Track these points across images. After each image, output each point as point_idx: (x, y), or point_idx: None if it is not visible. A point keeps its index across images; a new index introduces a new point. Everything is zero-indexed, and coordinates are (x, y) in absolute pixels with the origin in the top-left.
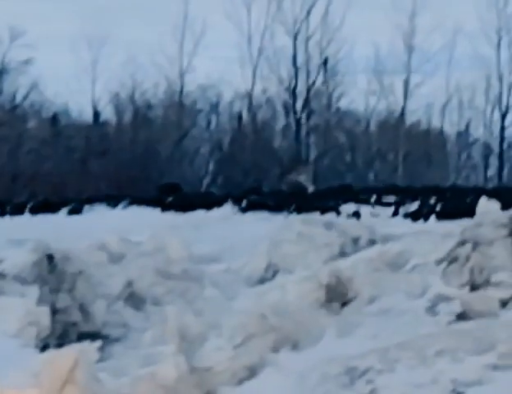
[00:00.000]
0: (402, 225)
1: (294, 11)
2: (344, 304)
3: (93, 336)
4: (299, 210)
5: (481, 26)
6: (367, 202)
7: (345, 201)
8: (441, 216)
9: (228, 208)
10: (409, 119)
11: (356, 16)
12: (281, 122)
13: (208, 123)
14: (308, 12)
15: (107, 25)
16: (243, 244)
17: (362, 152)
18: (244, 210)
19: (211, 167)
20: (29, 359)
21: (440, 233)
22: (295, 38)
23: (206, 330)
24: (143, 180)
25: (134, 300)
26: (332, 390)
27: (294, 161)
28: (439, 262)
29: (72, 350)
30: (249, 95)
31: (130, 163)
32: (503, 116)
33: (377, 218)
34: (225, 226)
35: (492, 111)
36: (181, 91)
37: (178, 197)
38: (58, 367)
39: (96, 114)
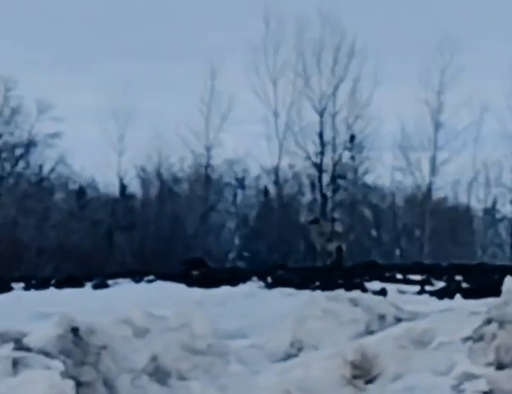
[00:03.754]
0: (428, 303)
1: (321, 86)
2: (369, 381)
3: None
4: (325, 286)
5: (508, 103)
6: (393, 279)
7: (371, 278)
8: (468, 294)
9: (253, 284)
10: (436, 195)
11: (383, 92)
12: (307, 197)
13: (234, 197)
14: (336, 88)
15: (133, 99)
16: (268, 319)
17: (388, 228)
18: (269, 286)
19: (236, 241)
20: None
21: (466, 311)
22: (322, 113)
23: None
24: (168, 255)
25: (159, 374)
26: None
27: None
28: (465, 340)
29: None
30: (276, 170)
31: (156, 237)
32: None
33: (403, 296)
34: (250, 301)
35: None
36: (207, 165)
37: (203, 272)
38: None
39: (122, 187)
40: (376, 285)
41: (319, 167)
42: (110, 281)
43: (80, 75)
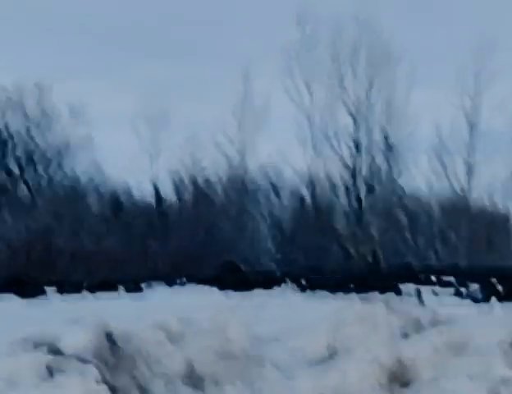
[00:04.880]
0: (464, 306)
1: (355, 89)
2: (405, 385)
3: None
4: (360, 290)
5: None
6: (428, 282)
7: (406, 281)
8: (503, 297)
9: (288, 288)
10: (472, 199)
11: (418, 95)
12: (341, 201)
13: (268, 202)
14: (370, 91)
15: (167, 102)
16: (303, 324)
17: (423, 232)
18: (303, 290)
19: (270, 246)
20: None
21: (502, 315)
22: (356, 117)
23: None
24: (202, 259)
25: (194, 379)
26: None
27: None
28: (501, 344)
29: None
30: (310, 174)
31: (191, 242)
32: None
33: (439, 299)
34: (284, 305)
35: None
36: (241, 170)
37: (238, 276)
38: None
39: (156, 192)
40: (411, 287)
41: (353, 171)
42: (143, 285)
43: (112, 78)
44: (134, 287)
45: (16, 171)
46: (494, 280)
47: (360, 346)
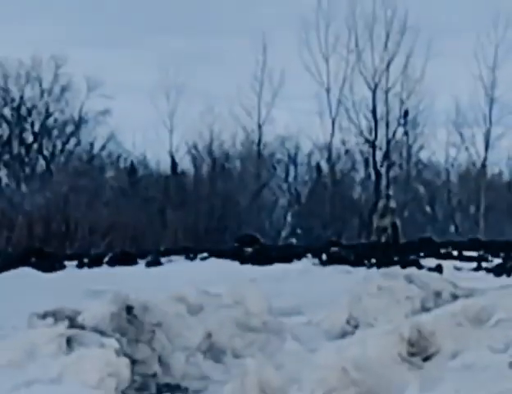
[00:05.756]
0: (485, 279)
1: (373, 62)
2: (426, 358)
3: (172, 388)
4: (380, 264)
5: None
6: (448, 256)
7: (427, 255)
8: None
9: (308, 261)
10: (491, 171)
11: (437, 67)
12: (360, 174)
13: (287, 174)
14: (389, 63)
15: (184, 76)
16: (323, 297)
17: (442, 204)
18: (324, 263)
19: (289, 218)
20: None
21: None
22: (375, 89)
23: (286, 383)
24: (220, 232)
25: (214, 352)
26: None
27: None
28: None
29: None
30: (328, 146)
31: (208, 214)
32: None
33: (460, 273)
34: (305, 279)
35: None
36: (259, 142)
37: (257, 249)
38: None
39: (174, 165)
40: (431, 261)
41: (372, 144)
42: (163, 259)
43: (130, 51)
44: (153, 261)
45: (34, 144)
46: None
47: (381, 319)
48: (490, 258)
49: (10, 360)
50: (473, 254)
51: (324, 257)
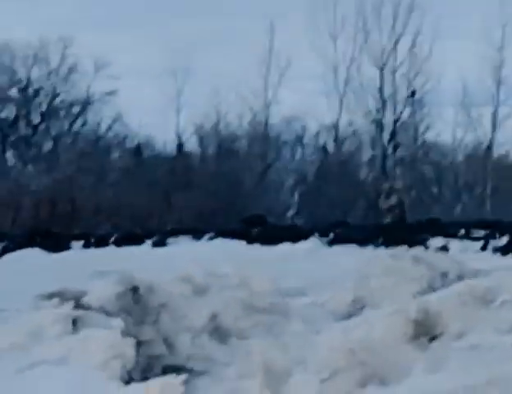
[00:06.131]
0: (491, 260)
1: (381, 42)
2: (432, 339)
3: (177, 369)
4: (387, 244)
5: None
6: (455, 236)
7: (433, 235)
8: None
9: (314, 241)
10: (497, 151)
11: (444, 47)
12: (367, 154)
13: (293, 155)
14: (396, 44)
15: (191, 57)
16: (329, 277)
17: (449, 185)
18: (330, 243)
19: (296, 198)
20: (115, 392)
21: None
22: (382, 69)
23: (291, 364)
24: (227, 212)
25: (219, 333)
26: None
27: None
28: None
29: (158, 384)
30: (335, 127)
31: (214, 195)
32: None
33: (466, 253)
34: (311, 259)
35: None
36: (266, 123)
37: (263, 229)
38: None
39: (180, 145)
40: (438, 241)
41: (379, 124)
42: (169, 239)
43: (137, 32)
44: (160, 241)
45: (41, 124)
46: None
47: (387, 300)
48: (496, 237)
49: (14, 343)
50: (480, 234)
51: (331, 237)
